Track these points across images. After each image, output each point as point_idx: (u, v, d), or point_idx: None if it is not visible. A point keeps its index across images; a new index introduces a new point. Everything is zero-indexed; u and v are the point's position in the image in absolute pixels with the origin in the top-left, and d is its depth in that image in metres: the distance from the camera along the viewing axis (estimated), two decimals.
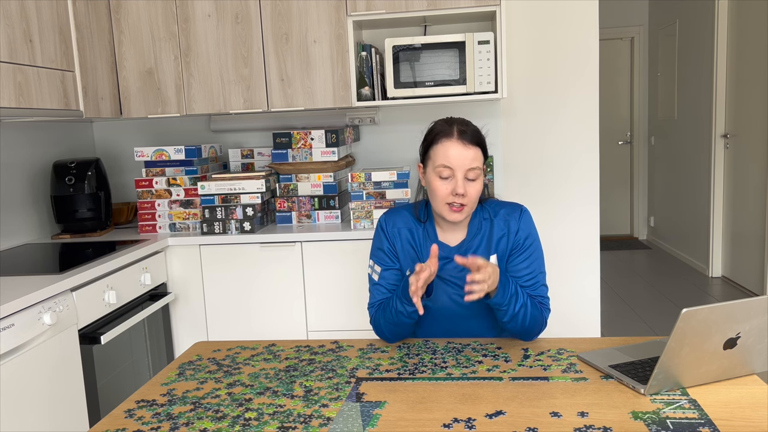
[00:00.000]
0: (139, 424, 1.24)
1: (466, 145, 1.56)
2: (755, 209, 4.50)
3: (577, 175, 3.12)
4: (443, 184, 1.57)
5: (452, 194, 1.56)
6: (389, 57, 2.66)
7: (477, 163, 1.57)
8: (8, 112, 2.13)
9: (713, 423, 1.13)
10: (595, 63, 3.04)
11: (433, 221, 1.69)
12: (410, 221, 1.70)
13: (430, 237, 1.67)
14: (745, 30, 4.60)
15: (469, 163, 1.56)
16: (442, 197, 1.57)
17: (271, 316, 2.70)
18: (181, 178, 2.80)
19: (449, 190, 1.56)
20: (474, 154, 1.57)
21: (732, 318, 1.20)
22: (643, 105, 6.59)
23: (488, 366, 1.44)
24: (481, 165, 1.59)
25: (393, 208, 1.77)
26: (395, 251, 1.69)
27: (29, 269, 2.20)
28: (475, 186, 1.58)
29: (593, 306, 3.18)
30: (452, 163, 1.56)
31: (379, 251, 1.70)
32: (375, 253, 1.71)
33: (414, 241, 1.68)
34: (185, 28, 2.78)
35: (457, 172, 1.56)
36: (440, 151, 1.57)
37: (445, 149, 1.57)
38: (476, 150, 1.58)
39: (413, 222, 1.70)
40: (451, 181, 1.56)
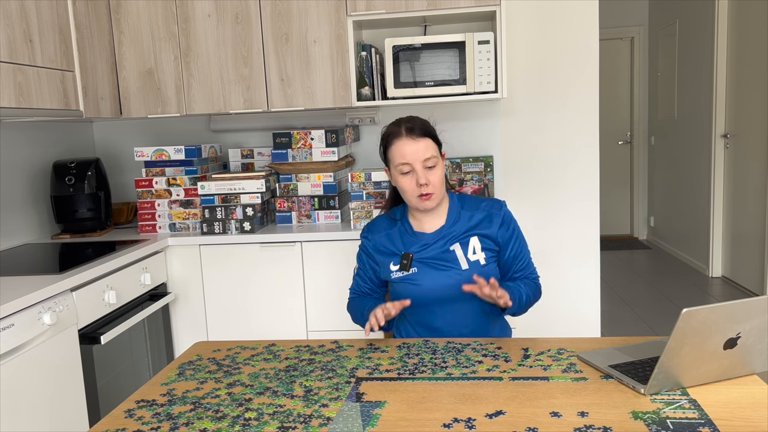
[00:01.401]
0: (139, 424, 1.24)
1: (415, 139, 1.70)
2: (755, 209, 4.50)
3: (577, 175, 3.12)
4: (407, 179, 1.71)
5: (417, 186, 1.69)
6: (389, 57, 2.66)
7: (431, 152, 1.71)
8: (8, 112, 2.13)
9: (713, 423, 1.13)
10: (595, 63, 3.04)
11: (407, 217, 1.81)
12: (385, 226, 1.84)
13: (408, 231, 1.79)
14: (745, 30, 4.60)
15: (422, 154, 1.69)
16: (410, 191, 1.71)
17: (271, 316, 2.70)
18: (181, 178, 2.80)
19: (414, 183, 1.70)
20: (425, 144, 1.71)
21: (732, 318, 1.20)
22: (643, 105, 6.59)
23: (488, 366, 1.44)
24: (435, 153, 1.73)
25: (369, 224, 1.90)
26: (372, 260, 1.83)
27: (29, 269, 2.20)
28: (435, 173, 1.71)
29: (593, 306, 3.18)
30: (408, 159, 1.69)
31: (361, 257, 1.87)
32: (359, 257, 1.89)
33: (390, 241, 1.80)
34: (185, 28, 2.78)
35: (415, 165, 1.69)
36: (395, 151, 1.72)
37: (399, 148, 1.71)
38: (426, 141, 1.72)
39: (388, 224, 1.84)
40: (413, 175, 1.70)
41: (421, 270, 1.74)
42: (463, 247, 1.75)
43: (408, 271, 1.74)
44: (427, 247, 1.76)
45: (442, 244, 1.75)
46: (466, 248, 1.75)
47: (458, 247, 1.75)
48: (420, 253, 1.75)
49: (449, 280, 1.72)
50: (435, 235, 1.76)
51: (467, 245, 1.75)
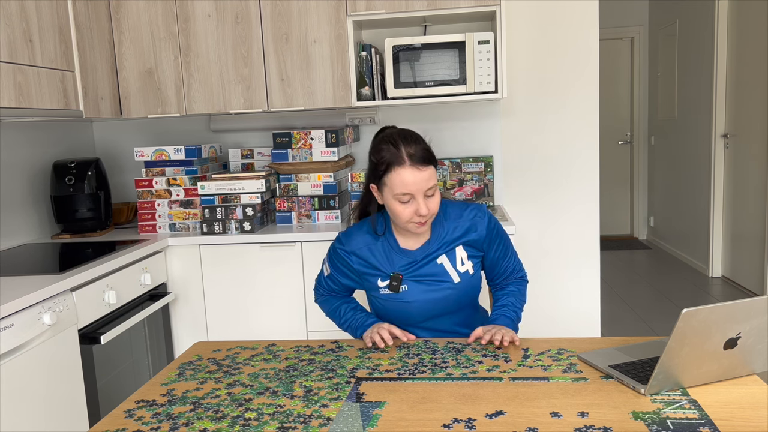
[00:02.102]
0: (139, 424, 1.24)
1: (420, 169, 1.59)
2: (755, 209, 4.50)
3: (577, 175, 3.12)
4: (405, 207, 1.61)
5: (417, 215, 1.61)
6: (389, 57, 2.66)
7: (432, 181, 1.62)
8: (8, 112, 2.13)
9: (713, 423, 1.13)
10: (595, 63, 3.04)
11: (392, 233, 1.73)
12: (367, 239, 1.74)
13: (392, 246, 1.72)
14: (745, 30, 4.60)
15: (425, 184, 1.60)
16: (405, 219, 1.62)
17: (271, 316, 2.70)
18: (181, 178, 2.80)
19: (412, 211, 1.61)
20: (429, 174, 1.61)
21: (732, 318, 1.20)
22: (643, 105, 6.59)
23: (488, 366, 1.44)
24: (435, 180, 1.64)
25: (347, 230, 1.79)
26: (351, 273, 1.76)
27: (29, 269, 2.20)
28: (434, 200, 1.63)
29: (593, 306, 3.18)
30: (410, 189, 1.59)
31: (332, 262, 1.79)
32: (329, 260, 1.80)
33: (374, 256, 1.72)
34: (185, 28, 2.78)
35: (417, 196, 1.60)
36: (396, 180, 1.60)
37: (401, 177, 1.59)
38: (430, 169, 1.62)
39: (371, 238, 1.74)
40: (413, 203, 1.61)
41: (412, 287, 1.69)
42: (450, 258, 1.71)
43: (398, 291, 1.69)
44: (415, 264, 1.70)
45: (429, 259, 1.71)
46: (454, 260, 1.71)
47: (445, 259, 1.71)
48: (408, 272, 1.70)
49: (442, 294, 1.70)
50: (421, 251, 1.71)
51: (454, 256, 1.72)
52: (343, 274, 1.78)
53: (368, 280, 1.73)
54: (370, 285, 1.74)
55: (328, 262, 1.80)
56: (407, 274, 1.70)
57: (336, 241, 1.78)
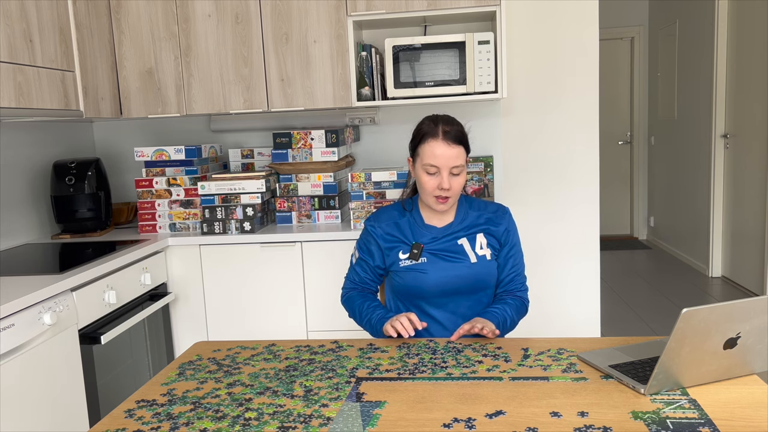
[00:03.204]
0: (139, 424, 1.24)
1: (450, 145, 1.72)
2: (755, 209, 4.50)
3: (577, 175, 3.12)
4: (430, 179, 1.74)
5: (438, 188, 1.73)
6: (389, 57, 2.66)
7: (460, 161, 1.74)
8: (8, 112, 2.13)
9: (713, 423, 1.13)
10: (595, 63, 3.04)
11: (419, 209, 1.85)
12: (395, 215, 1.86)
13: (417, 222, 1.83)
14: (745, 30, 4.60)
15: (453, 161, 1.72)
16: (429, 190, 1.74)
17: (271, 316, 2.70)
18: (181, 178, 2.80)
19: (436, 184, 1.73)
20: (457, 152, 1.73)
21: (732, 318, 1.20)
22: (643, 105, 6.59)
23: (488, 366, 1.44)
24: (463, 161, 1.76)
25: (377, 210, 1.93)
26: (378, 247, 1.84)
27: (29, 269, 2.20)
28: (458, 180, 1.75)
29: (593, 306, 3.18)
30: (438, 162, 1.72)
31: (363, 242, 1.88)
32: (360, 242, 1.90)
33: (399, 230, 1.83)
34: (185, 28, 2.78)
35: (442, 170, 1.72)
36: (427, 150, 1.73)
37: (432, 149, 1.73)
38: (459, 149, 1.74)
39: (397, 214, 1.86)
40: (437, 177, 1.73)
41: (430, 260, 1.78)
42: (471, 241, 1.81)
43: (417, 260, 1.78)
44: (436, 240, 1.80)
45: (450, 238, 1.80)
46: (474, 243, 1.81)
47: (465, 241, 1.80)
48: (429, 245, 1.79)
49: (458, 272, 1.77)
50: (444, 229, 1.81)
51: (474, 240, 1.81)
52: (369, 253, 1.85)
53: (391, 254, 1.82)
54: (392, 259, 1.82)
55: (358, 246, 1.90)
56: (428, 246, 1.79)
57: (366, 222, 1.89)
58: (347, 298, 1.90)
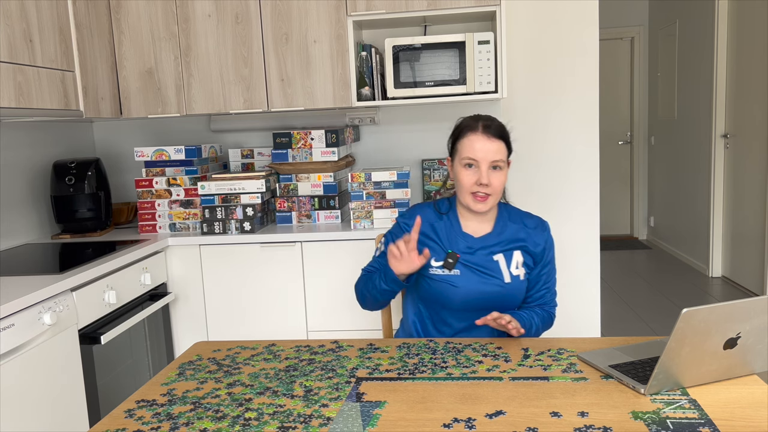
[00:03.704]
0: (139, 424, 1.24)
1: (490, 138, 1.67)
2: (755, 209, 4.50)
3: (577, 175, 3.12)
4: (468, 174, 1.67)
5: (477, 184, 1.66)
6: (389, 57, 2.66)
7: (501, 156, 1.68)
8: (8, 112, 2.13)
9: (713, 423, 1.13)
10: (595, 63, 3.04)
11: (456, 213, 1.77)
12: (431, 215, 1.78)
13: (454, 228, 1.75)
14: (745, 30, 4.60)
15: (492, 155, 1.66)
16: (467, 187, 1.67)
17: (271, 316, 2.70)
18: (181, 178, 2.80)
19: (474, 179, 1.66)
20: (498, 146, 1.67)
21: (732, 318, 1.20)
22: (643, 105, 6.59)
23: (488, 366, 1.44)
24: (504, 158, 1.69)
25: (412, 207, 1.84)
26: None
27: (29, 269, 2.20)
28: (498, 177, 1.67)
29: (593, 306, 3.18)
30: (477, 155, 1.66)
31: (392, 237, 1.79)
32: (388, 237, 1.82)
33: (436, 233, 1.75)
34: (185, 28, 2.78)
35: (481, 164, 1.66)
36: (466, 144, 1.68)
37: (471, 142, 1.67)
38: (500, 143, 1.68)
39: (434, 216, 1.78)
40: (476, 172, 1.67)
41: (463, 273, 1.70)
42: (507, 259, 1.73)
43: (450, 271, 1.70)
44: (473, 252, 1.72)
45: (486, 252, 1.72)
46: (510, 261, 1.73)
47: (502, 258, 1.72)
48: (464, 256, 1.71)
49: (489, 289, 1.70)
50: (481, 240, 1.73)
51: (511, 258, 1.73)
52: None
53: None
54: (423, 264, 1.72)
55: (385, 240, 1.82)
56: (463, 258, 1.71)
57: (399, 217, 1.83)
58: (360, 278, 1.82)
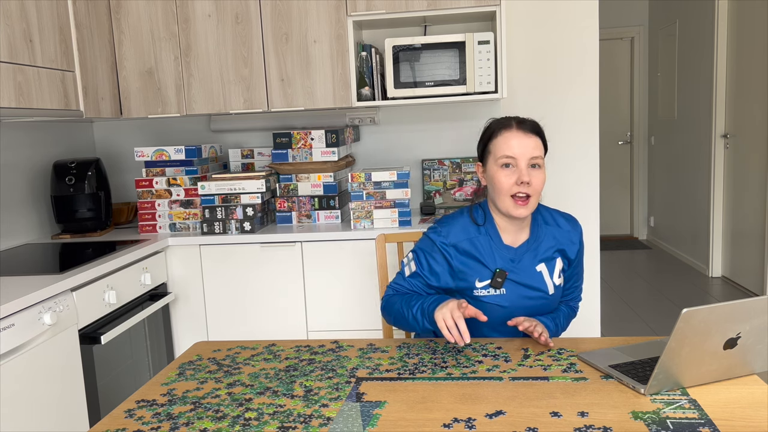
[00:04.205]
0: (139, 424, 1.24)
1: (527, 134, 1.56)
2: (755, 209, 4.50)
3: (577, 175, 3.12)
4: (507, 174, 1.55)
5: (516, 184, 1.54)
6: (389, 57, 2.66)
7: (539, 152, 1.56)
8: (8, 112, 2.13)
9: (713, 423, 1.13)
10: (595, 63, 3.04)
11: (494, 224, 1.63)
12: (469, 230, 1.62)
13: (494, 240, 1.62)
14: (745, 30, 4.60)
15: (531, 151, 1.55)
16: (506, 189, 1.55)
17: (271, 316, 2.70)
18: (181, 178, 2.80)
19: (513, 179, 1.54)
20: (535, 142, 1.57)
21: (732, 318, 1.20)
22: (643, 105, 6.59)
23: (488, 366, 1.44)
24: (542, 155, 1.58)
25: (444, 219, 1.67)
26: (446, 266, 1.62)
27: (29, 269, 2.20)
28: (539, 175, 1.56)
29: (593, 306, 3.18)
30: (514, 152, 1.54)
31: (425, 256, 1.63)
32: (419, 255, 1.64)
33: (477, 249, 1.61)
34: (185, 28, 2.78)
35: (519, 161, 1.54)
36: (501, 143, 1.56)
37: (506, 140, 1.56)
38: (537, 139, 1.58)
39: (472, 229, 1.62)
40: (515, 171, 1.55)
41: (510, 291, 1.61)
42: (549, 268, 1.65)
43: (499, 290, 1.60)
44: (514, 264, 1.61)
45: (528, 262, 1.63)
46: (552, 270, 1.65)
47: (544, 268, 1.64)
48: (509, 272, 1.61)
49: (535, 303, 1.63)
50: (521, 250, 1.63)
51: (553, 267, 1.65)
52: (432, 272, 1.62)
53: (465, 279, 1.61)
54: (465, 285, 1.61)
55: (417, 259, 1.63)
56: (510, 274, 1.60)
57: (431, 232, 1.64)
58: (388, 302, 1.64)
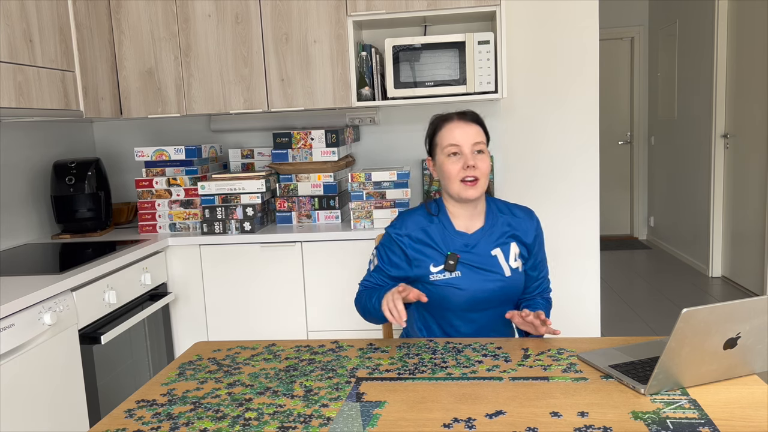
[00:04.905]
0: (139, 424, 1.24)
1: (468, 123, 1.70)
2: (755, 209, 4.50)
3: (577, 175, 3.12)
4: (454, 162, 1.68)
5: (464, 168, 1.66)
6: (389, 57, 2.66)
7: (481, 138, 1.70)
8: (8, 112, 2.13)
9: (713, 423, 1.13)
10: (595, 63, 3.04)
11: (447, 213, 1.75)
12: (421, 221, 1.75)
13: (446, 227, 1.73)
14: (745, 30, 4.60)
15: (473, 137, 1.68)
16: (455, 175, 1.67)
17: (271, 316, 2.70)
18: (181, 178, 2.80)
19: (460, 165, 1.67)
20: (476, 130, 1.70)
21: (732, 318, 1.20)
22: (643, 105, 6.59)
23: (488, 366, 1.44)
24: (485, 141, 1.71)
25: (400, 214, 1.81)
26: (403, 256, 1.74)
27: (29, 269, 2.20)
28: (484, 159, 1.69)
29: (593, 306, 3.18)
30: (458, 140, 1.68)
31: (385, 250, 1.77)
32: (381, 250, 1.78)
33: (429, 237, 1.72)
34: (185, 28, 2.78)
35: (464, 148, 1.67)
36: (446, 134, 1.70)
37: (450, 131, 1.69)
38: (478, 127, 1.71)
39: (425, 220, 1.75)
40: (461, 158, 1.68)
41: (465, 274, 1.69)
42: (505, 252, 1.73)
43: (453, 273, 1.69)
44: (470, 249, 1.71)
45: (483, 247, 1.71)
46: (508, 254, 1.73)
47: (500, 252, 1.72)
48: (463, 255, 1.70)
49: (492, 286, 1.70)
50: (476, 236, 1.72)
51: (508, 251, 1.73)
52: (391, 263, 1.75)
53: (420, 266, 1.71)
54: (421, 272, 1.71)
55: (379, 254, 1.78)
56: (462, 257, 1.69)
57: (389, 227, 1.78)
58: (358, 296, 1.79)
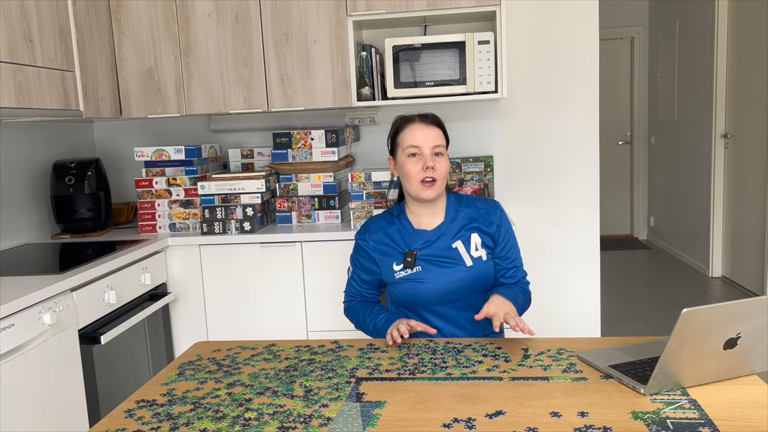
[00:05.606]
0: (139, 424, 1.24)
1: (429, 126, 1.75)
2: (755, 209, 4.50)
3: (577, 175, 3.12)
4: (414, 162, 1.73)
5: (423, 169, 1.71)
6: (389, 57, 2.66)
7: (441, 141, 1.75)
8: (8, 112, 2.13)
9: (713, 423, 1.13)
10: (595, 63, 3.04)
11: (406, 214, 1.81)
12: (383, 224, 1.83)
13: (406, 227, 1.80)
14: (745, 30, 4.60)
15: (433, 140, 1.73)
16: (414, 175, 1.72)
17: (271, 316, 2.70)
18: (181, 178, 2.80)
19: (420, 166, 1.72)
20: (437, 133, 1.75)
21: (732, 318, 1.20)
22: (643, 105, 6.59)
23: (488, 366, 1.44)
24: (444, 144, 1.77)
25: (365, 222, 1.90)
26: (371, 262, 1.82)
27: (29, 269, 2.20)
28: (442, 161, 1.74)
29: (593, 306, 3.18)
30: (419, 142, 1.73)
31: (357, 258, 1.86)
32: (354, 258, 1.88)
33: (390, 238, 1.80)
34: (185, 28, 2.78)
35: (424, 150, 1.72)
36: (407, 135, 1.75)
37: (411, 132, 1.74)
38: (438, 130, 1.76)
39: (386, 222, 1.83)
40: (421, 159, 1.72)
41: (426, 268, 1.75)
42: (465, 243, 1.77)
43: (412, 269, 1.74)
44: (430, 244, 1.76)
45: (443, 241, 1.76)
46: (468, 245, 1.77)
47: (460, 244, 1.76)
48: (423, 251, 1.75)
49: (455, 277, 1.74)
50: (435, 231, 1.78)
51: (469, 241, 1.77)
52: (363, 268, 1.83)
53: (387, 267, 1.78)
54: (389, 272, 1.78)
55: (351, 262, 1.87)
56: (421, 253, 1.75)
57: (356, 236, 1.86)
58: (349, 309, 1.87)
